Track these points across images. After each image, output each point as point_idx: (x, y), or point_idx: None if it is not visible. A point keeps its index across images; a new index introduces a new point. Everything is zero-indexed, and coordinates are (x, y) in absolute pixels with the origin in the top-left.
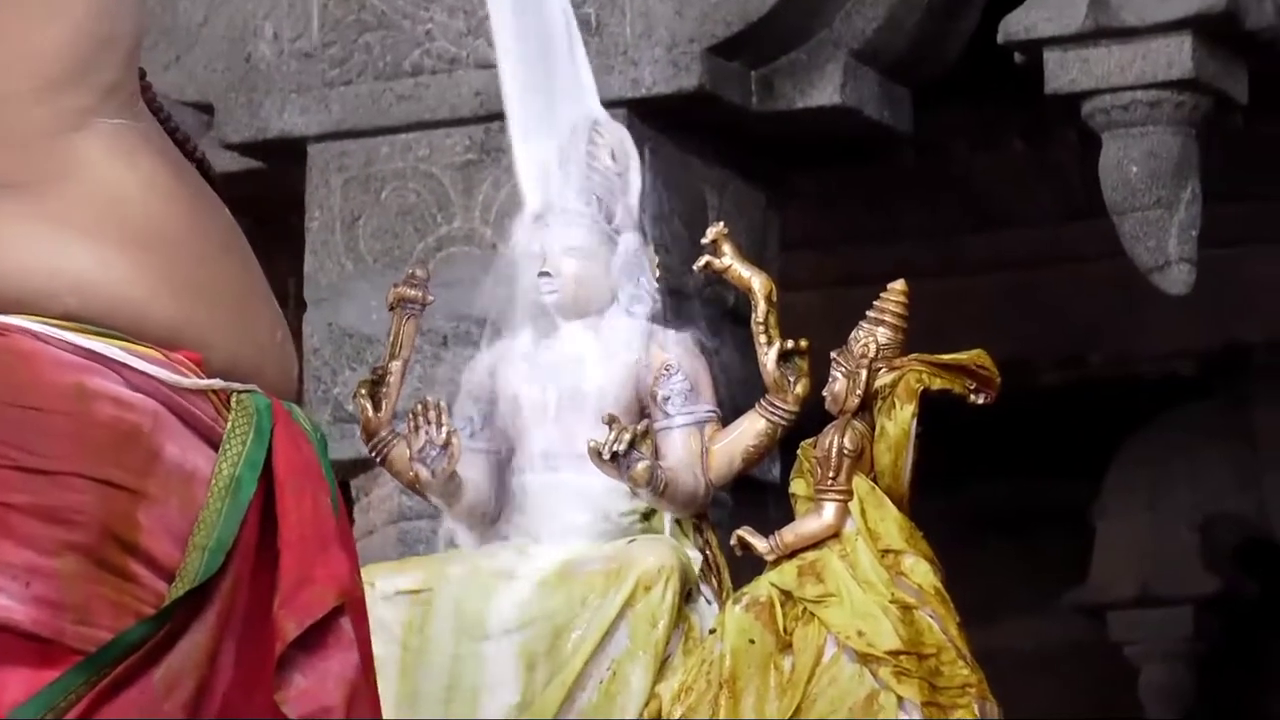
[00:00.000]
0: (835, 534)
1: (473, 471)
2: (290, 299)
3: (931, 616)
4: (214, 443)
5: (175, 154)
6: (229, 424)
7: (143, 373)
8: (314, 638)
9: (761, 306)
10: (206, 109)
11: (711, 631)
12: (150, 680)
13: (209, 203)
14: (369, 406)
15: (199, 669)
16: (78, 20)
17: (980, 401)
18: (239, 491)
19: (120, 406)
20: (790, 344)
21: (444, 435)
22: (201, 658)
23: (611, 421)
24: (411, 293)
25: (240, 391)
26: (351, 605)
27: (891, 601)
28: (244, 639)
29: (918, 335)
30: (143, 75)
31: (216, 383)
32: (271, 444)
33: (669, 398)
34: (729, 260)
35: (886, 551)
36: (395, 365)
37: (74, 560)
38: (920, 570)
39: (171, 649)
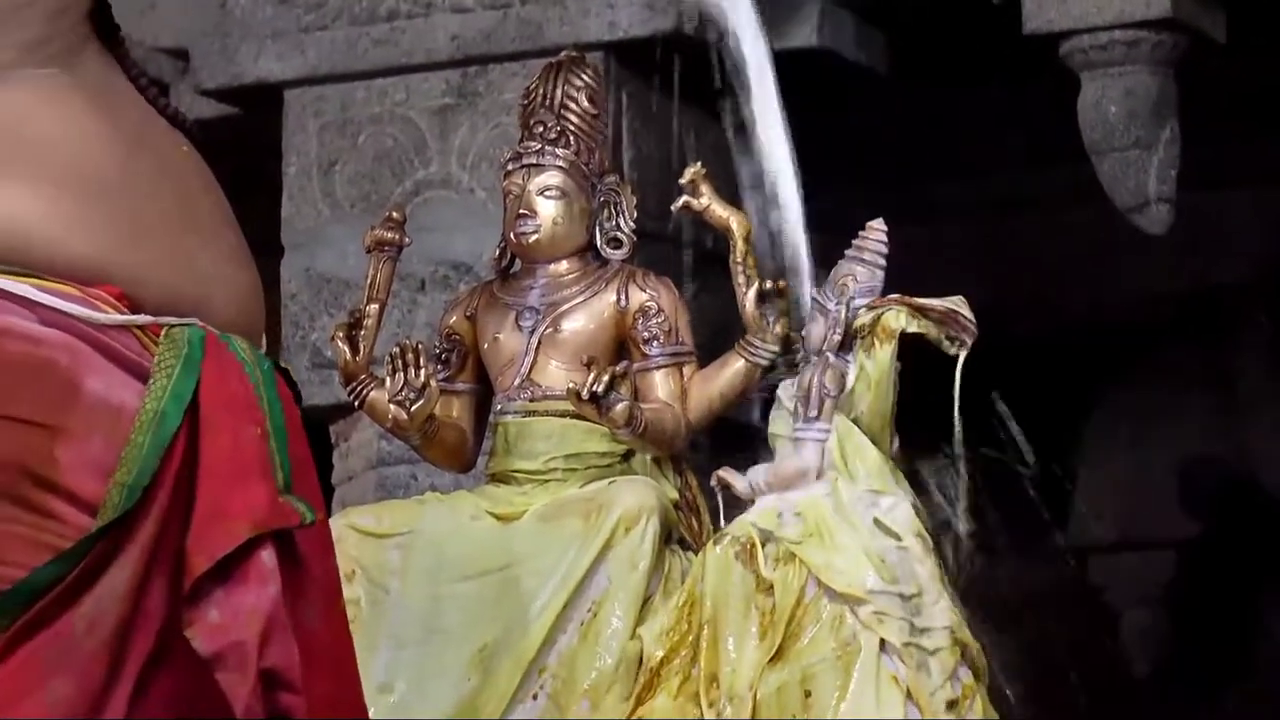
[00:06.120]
0: (816, 474)
1: (451, 414)
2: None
3: (912, 557)
4: (144, 378)
5: (125, 100)
6: (156, 358)
7: (56, 309)
8: (229, 572)
9: (740, 246)
10: (182, 55)
11: (692, 573)
12: (69, 620)
13: (153, 145)
14: (346, 350)
15: (121, 606)
16: None
17: (955, 352)
18: (162, 425)
19: (32, 343)
20: (769, 284)
21: (422, 378)
22: (123, 594)
23: (590, 363)
24: (389, 235)
25: (174, 325)
26: (308, 540)
27: (872, 541)
28: (175, 577)
29: (892, 280)
30: (117, 29)
31: (139, 318)
32: (201, 377)
33: (648, 338)
34: (707, 201)
35: (867, 491)
36: (372, 309)
37: None
38: (901, 510)
39: (92, 587)
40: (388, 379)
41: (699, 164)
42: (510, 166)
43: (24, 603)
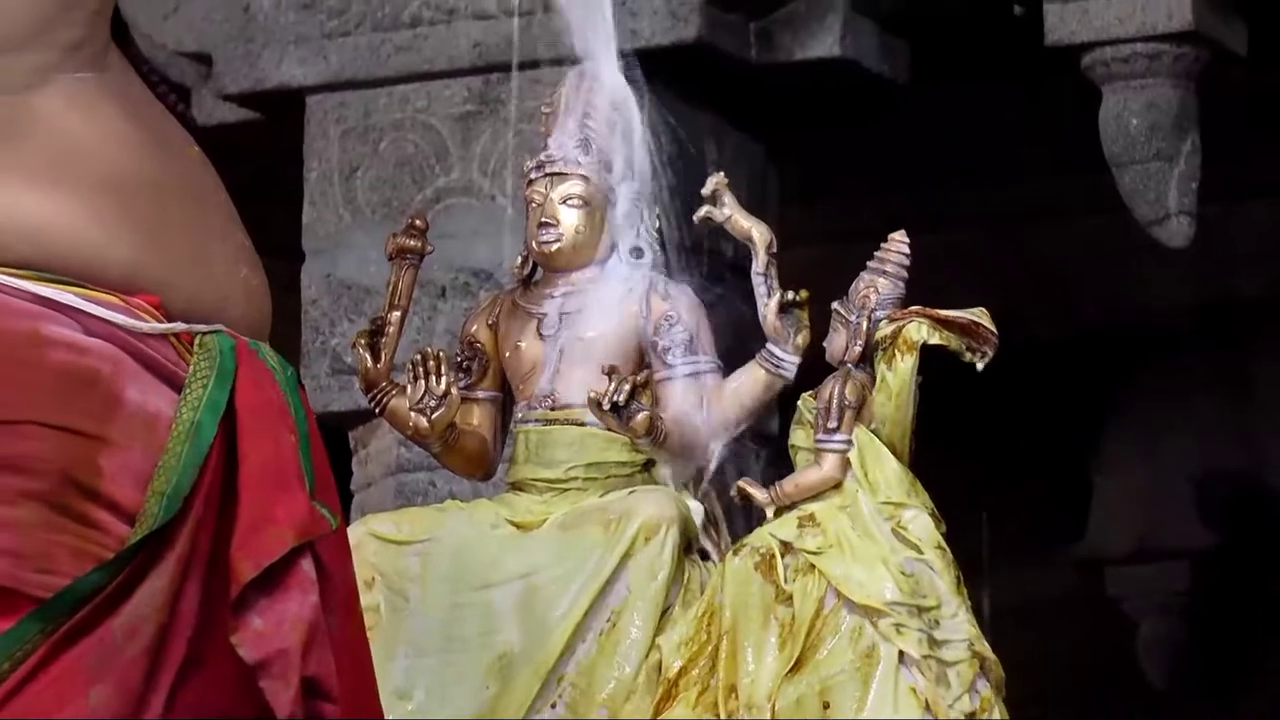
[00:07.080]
0: (836, 485)
1: (472, 422)
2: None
3: (931, 569)
4: (177, 386)
5: (142, 99)
6: (191, 367)
7: (100, 318)
8: (273, 579)
9: (762, 257)
10: (205, 60)
11: (711, 583)
12: (110, 627)
13: (170, 145)
14: (368, 357)
15: (159, 614)
16: None
17: (976, 362)
18: (198, 436)
19: (77, 352)
20: (790, 294)
21: (443, 385)
22: (161, 602)
23: (611, 372)
24: (411, 243)
25: (204, 333)
26: (328, 545)
27: (891, 553)
28: (208, 582)
29: (911, 289)
30: (126, 31)
31: (178, 326)
32: (235, 385)
33: (669, 348)
34: (729, 211)
35: (886, 503)
36: (394, 315)
37: (32, 508)
38: (920, 522)
39: (131, 595)
40: (409, 386)
41: (721, 174)
42: (533, 175)
43: (67, 610)
